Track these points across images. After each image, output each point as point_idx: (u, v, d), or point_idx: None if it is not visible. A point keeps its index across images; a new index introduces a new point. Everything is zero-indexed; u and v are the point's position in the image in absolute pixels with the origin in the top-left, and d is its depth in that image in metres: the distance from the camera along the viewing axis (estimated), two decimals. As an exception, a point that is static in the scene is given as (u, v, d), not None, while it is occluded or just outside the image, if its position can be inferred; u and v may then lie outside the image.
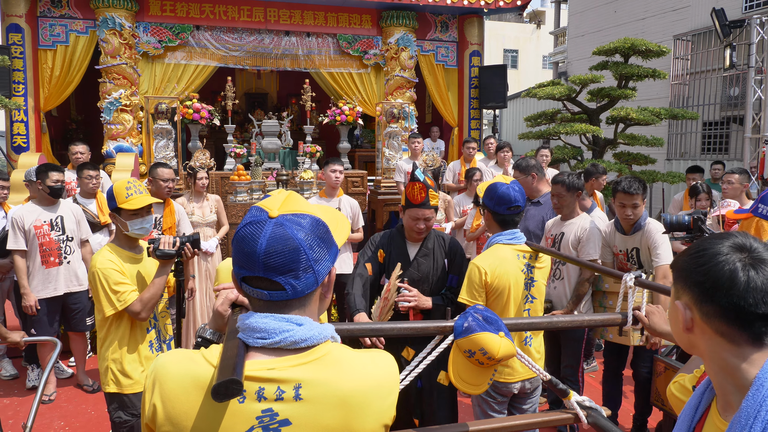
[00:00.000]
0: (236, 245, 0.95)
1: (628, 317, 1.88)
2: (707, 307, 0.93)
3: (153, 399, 0.93)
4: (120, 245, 2.52)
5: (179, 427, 0.91)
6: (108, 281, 2.37)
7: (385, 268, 2.68)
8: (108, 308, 2.38)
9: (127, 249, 2.53)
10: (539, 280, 2.55)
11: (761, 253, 0.92)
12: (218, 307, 1.22)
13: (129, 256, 2.52)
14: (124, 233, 2.50)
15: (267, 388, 0.91)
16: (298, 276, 0.93)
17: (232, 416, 0.90)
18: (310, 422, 0.91)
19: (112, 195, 2.48)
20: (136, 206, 2.47)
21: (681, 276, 0.98)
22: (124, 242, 2.53)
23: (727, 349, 0.93)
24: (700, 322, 0.95)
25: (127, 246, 2.54)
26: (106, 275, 2.38)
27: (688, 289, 0.96)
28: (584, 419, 1.73)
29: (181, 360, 0.95)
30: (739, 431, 0.87)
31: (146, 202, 2.49)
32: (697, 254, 0.96)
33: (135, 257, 2.54)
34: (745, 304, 0.89)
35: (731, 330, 0.91)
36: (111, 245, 2.51)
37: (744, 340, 0.91)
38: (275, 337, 0.93)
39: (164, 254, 2.37)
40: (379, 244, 2.73)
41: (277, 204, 0.98)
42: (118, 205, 2.46)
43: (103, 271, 2.38)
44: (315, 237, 0.96)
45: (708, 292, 0.92)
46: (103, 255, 2.44)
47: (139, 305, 2.39)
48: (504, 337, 1.63)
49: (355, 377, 0.95)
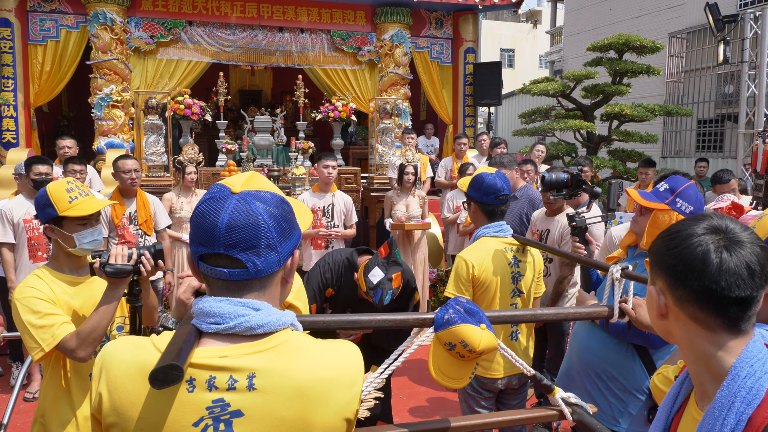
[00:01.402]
0: (194, 221, 0.90)
1: (615, 310, 1.84)
2: (680, 291, 0.89)
3: (99, 387, 0.88)
4: (57, 268, 1.92)
5: (124, 418, 0.86)
6: (31, 314, 1.75)
7: (330, 300, 2.48)
8: (34, 349, 1.75)
9: (68, 272, 1.92)
10: (526, 274, 2.51)
11: (737, 234, 0.88)
12: (180, 295, 1.17)
13: (70, 281, 1.91)
14: (66, 251, 1.90)
15: (218, 377, 0.86)
16: (259, 253, 0.88)
17: (181, 406, 0.85)
18: (264, 414, 0.86)
19: (47, 202, 1.87)
20: (84, 212, 1.88)
21: (654, 260, 0.95)
22: (63, 263, 1.93)
23: (703, 336, 0.89)
24: (674, 307, 0.91)
25: (68, 267, 1.93)
26: (29, 306, 1.76)
27: (662, 273, 0.92)
28: (569, 416, 1.69)
29: (129, 346, 0.90)
30: (712, 423, 0.84)
31: (98, 206, 1.92)
32: (670, 237, 0.92)
33: (77, 281, 1.93)
34: (717, 288, 0.85)
35: (705, 315, 0.87)
36: (44, 270, 1.90)
37: (719, 326, 0.87)
38: (229, 322, 0.88)
39: (117, 271, 1.70)
40: (328, 283, 2.47)
41: (240, 181, 0.94)
42: (59, 213, 1.86)
43: (24, 302, 1.77)
44: (279, 215, 0.91)
45: (680, 276, 0.88)
46: (28, 282, 1.83)
47: (76, 341, 1.74)
48: (485, 329, 1.59)
49: (314, 367, 0.90)
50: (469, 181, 2.50)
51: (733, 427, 0.81)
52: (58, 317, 1.78)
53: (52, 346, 1.75)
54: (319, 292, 2.45)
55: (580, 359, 2.23)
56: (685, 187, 2.06)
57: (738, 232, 0.88)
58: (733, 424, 0.81)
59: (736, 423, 0.81)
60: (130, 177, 3.94)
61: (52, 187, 1.91)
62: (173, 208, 4.64)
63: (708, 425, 0.84)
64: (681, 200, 2.05)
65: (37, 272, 1.88)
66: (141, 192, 4.12)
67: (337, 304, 2.47)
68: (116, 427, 0.87)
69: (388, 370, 1.61)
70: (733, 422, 0.81)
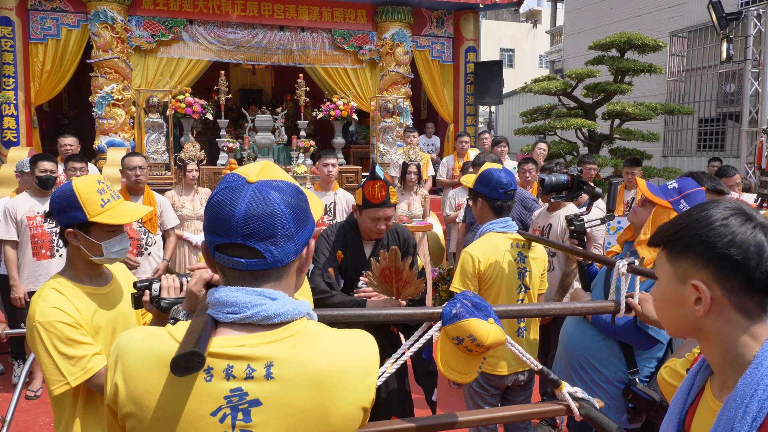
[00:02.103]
0: (210, 211, 0.89)
1: (621, 305, 1.83)
2: (734, 281, 0.86)
3: (115, 378, 0.87)
4: (75, 278, 1.67)
5: (142, 408, 0.85)
6: (58, 342, 1.51)
7: (342, 270, 2.47)
8: (57, 383, 1.51)
9: (87, 282, 1.68)
10: (532, 270, 2.50)
11: (758, 219, 0.88)
12: (192, 287, 1.16)
13: (91, 292, 1.67)
14: (89, 259, 1.66)
15: (236, 366, 0.85)
16: (277, 243, 0.88)
17: (198, 395, 0.84)
18: (282, 403, 0.85)
19: (75, 203, 1.60)
20: (119, 220, 1.65)
21: (695, 252, 0.89)
22: (82, 272, 1.68)
23: (741, 326, 0.88)
24: (721, 299, 0.88)
25: (87, 277, 1.69)
26: (55, 332, 1.52)
27: (708, 264, 0.88)
28: (576, 411, 1.68)
29: (145, 336, 0.90)
30: (734, 410, 0.83)
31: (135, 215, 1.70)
32: (709, 224, 0.88)
33: (98, 292, 1.69)
34: None
35: (754, 303, 0.87)
36: (61, 280, 1.64)
37: (759, 314, 0.88)
38: (246, 312, 0.87)
39: (172, 304, 1.44)
40: (335, 244, 2.46)
41: (255, 170, 0.94)
42: (88, 218, 1.60)
43: (48, 327, 1.52)
44: (295, 204, 0.91)
45: (736, 265, 0.85)
46: (48, 300, 1.56)
47: None
48: (493, 323, 1.58)
49: (331, 356, 0.90)
50: (476, 176, 2.49)
51: (756, 415, 0.81)
52: (89, 347, 1.56)
53: (81, 381, 1.53)
54: (331, 256, 2.43)
55: (566, 351, 2.26)
56: (694, 191, 2.05)
57: (757, 216, 0.88)
58: (755, 411, 0.81)
59: (758, 410, 0.81)
60: (135, 174, 3.94)
61: (82, 187, 1.62)
62: (175, 206, 4.63)
63: (729, 413, 0.83)
64: (685, 203, 2.05)
65: (55, 285, 1.63)
66: (148, 190, 4.12)
67: (348, 273, 2.44)
68: (133, 417, 0.86)
69: (397, 364, 1.60)
70: (756, 409, 0.81)
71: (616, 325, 2.03)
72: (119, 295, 1.75)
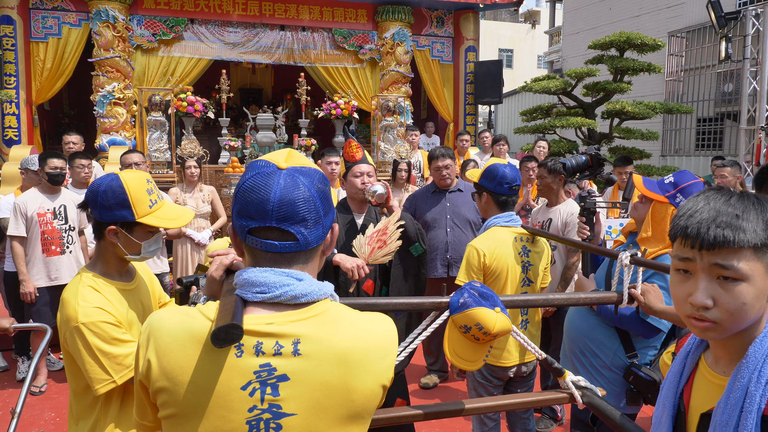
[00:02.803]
0: (243, 197, 0.93)
1: (624, 296, 1.86)
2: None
3: (147, 354, 0.90)
4: (107, 274, 1.65)
5: (175, 382, 0.88)
6: (100, 342, 1.51)
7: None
8: (103, 382, 1.51)
9: (117, 278, 1.67)
10: (536, 264, 2.54)
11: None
12: (212, 272, 1.19)
13: (122, 288, 1.66)
14: (124, 257, 1.64)
15: (265, 343, 0.89)
16: (308, 226, 0.93)
17: (230, 370, 0.88)
18: (309, 378, 0.89)
19: (124, 201, 1.56)
20: (167, 224, 1.63)
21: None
22: (113, 268, 1.66)
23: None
24: None
25: (117, 272, 1.68)
26: (99, 332, 1.51)
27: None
28: (579, 399, 1.71)
29: (177, 314, 0.93)
30: (747, 375, 0.86)
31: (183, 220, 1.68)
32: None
33: (127, 288, 1.69)
34: None
35: None
36: (93, 277, 1.61)
37: None
38: (275, 291, 0.91)
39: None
40: None
41: (283, 157, 0.98)
42: (136, 218, 1.57)
43: (92, 327, 1.50)
44: (323, 189, 0.97)
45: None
46: (88, 299, 1.54)
47: None
48: (500, 312, 1.61)
49: (354, 335, 0.94)
50: (481, 171, 2.53)
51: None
52: (131, 345, 1.56)
53: (127, 378, 1.53)
54: None
55: (569, 338, 2.31)
56: (690, 184, 2.06)
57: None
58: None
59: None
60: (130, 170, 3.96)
61: (133, 186, 1.57)
62: (177, 204, 4.66)
63: (743, 378, 0.86)
64: (681, 196, 2.06)
65: (89, 282, 1.58)
66: None
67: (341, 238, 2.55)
68: (166, 392, 0.89)
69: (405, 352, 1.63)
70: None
71: (620, 315, 2.06)
72: (144, 290, 1.76)
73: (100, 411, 1.55)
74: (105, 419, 1.56)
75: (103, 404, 1.55)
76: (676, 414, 1.01)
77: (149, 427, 0.98)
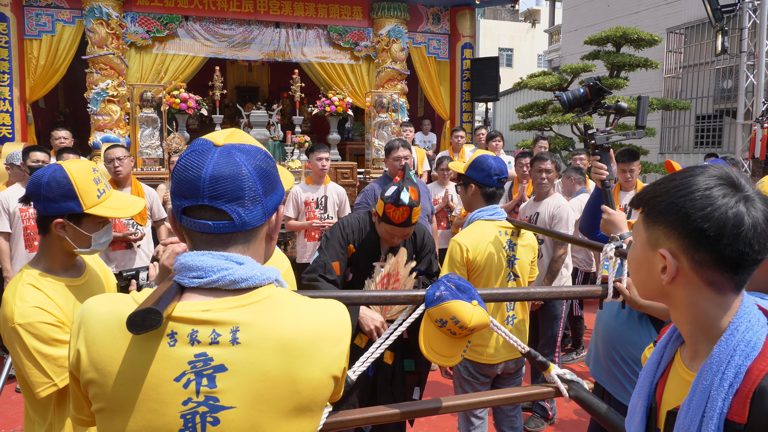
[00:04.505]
0: (177, 175, 0.88)
1: (609, 289, 1.82)
2: (702, 254, 0.81)
3: (77, 344, 0.86)
4: (50, 270, 1.53)
5: (103, 373, 0.83)
6: (39, 342, 1.41)
7: (352, 262, 2.41)
8: (43, 385, 1.41)
9: (62, 273, 1.55)
10: (522, 258, 2.49)
11: (747, 190, 0.82)
12: (164, 261, 1.15)
13: (68, 284, 1.54)
14: (72, 251, 1.54)
15: (201, 331, 0.83)
16: (244, 205, 0.87)
17: (162, 361, 0.82)
18: (249, 369, 0.83)
19: (70, 192, 1.47)
20: (117, 213, 1.55)
21: (668, 221, 0.84)
22: (58, 263, 1.55)
23: (711, 299, 0.85)
24: (688, 271, 0.84)
25: (62, 268, 1.56)
26: (36, 332, 1.41)
27: (678, 235, 0.83)
28: (565, 393, 1.66)
29: (109, 302, 0.88)
30: (710, 377, 0.82)
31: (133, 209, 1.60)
32: (688, 194, 0.82)
33: (74, 284, 1.56)
34: (750, 251, 0.79)
35: (724, 279, 0.83)
36: (35, 275, 1.50)
37: (731, 288, 0.84)
38: (212, 276, 0.85)
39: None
40: (349, 238, 2.39)
41: (223, 135, 0.93)
42: (84, 209, 1.48)
43: (28, 328, 1.40)
44: (263, 167, 0.90)
45: (708, 240, 0.80)
46: (26, 298, 1.43)
47: None
48: (477, 305, 1.57)
49: (299, 322, 0.88)
50: (468, 163, 2.47)
51: (732, 380, 0.80)
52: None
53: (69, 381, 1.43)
54: (341, 249, 2.36)
55: (604, 342, 2.12)
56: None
57: (747, 187, 0.82)
58: (732, 376, 0.80)
59: (734, 375, 0.80)
60: (112, 165, 3.87)
61: (78, 176, 1.48)
62: (165, 200, 4.63)
63: (705, 381, 0.82)
64: None
65: (29, 280, 1.48)
66: (136, 181, 4.08)
67: (358, 265, 2.39)
68: (95, 384, 0.84)
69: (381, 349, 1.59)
70: (732, 375, 0.80)
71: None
72: (97, 284, 1.67)
73: (54, 414, 1.47)
74: (60, 422, 1.47)
75: (56, 406, 1.46)
76: (649, 406, 0.97)
77: (86, 421, 0.93)
